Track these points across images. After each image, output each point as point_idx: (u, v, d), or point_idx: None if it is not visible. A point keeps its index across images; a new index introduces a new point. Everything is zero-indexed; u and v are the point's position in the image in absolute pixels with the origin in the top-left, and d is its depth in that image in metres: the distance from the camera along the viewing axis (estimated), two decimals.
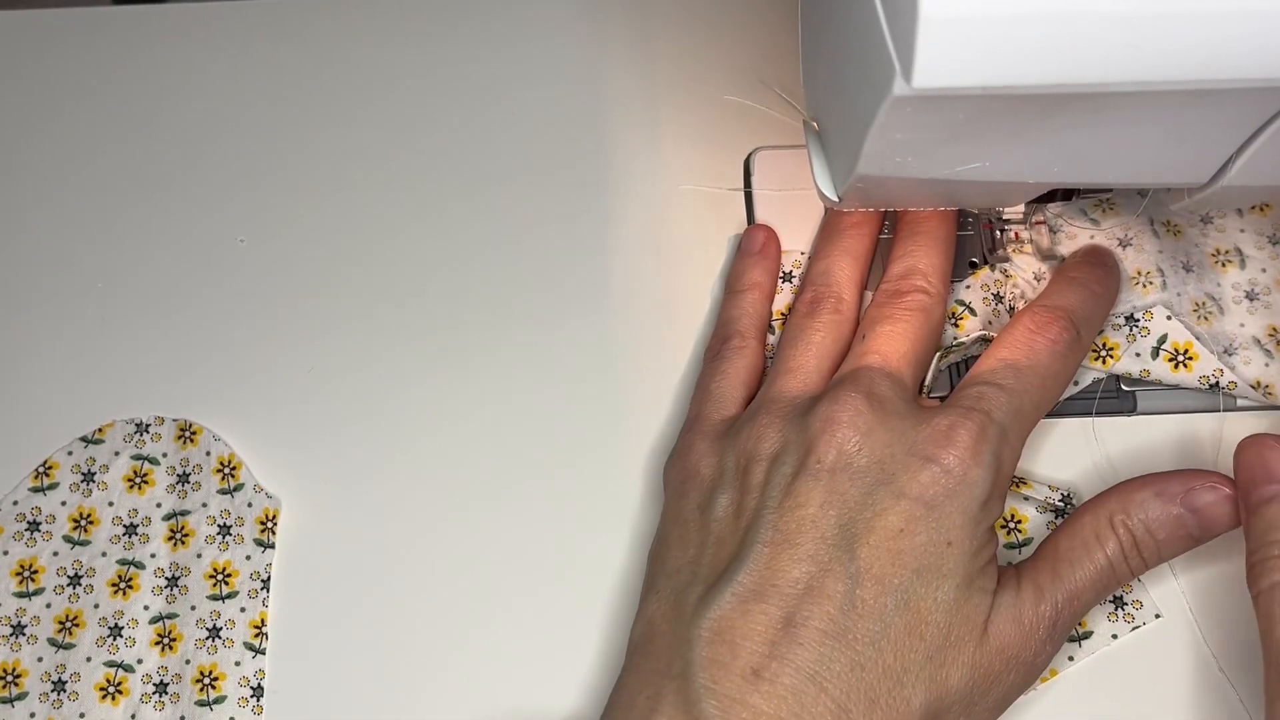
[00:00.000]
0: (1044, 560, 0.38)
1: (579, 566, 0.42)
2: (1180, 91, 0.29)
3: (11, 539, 0.43)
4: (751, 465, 0.38)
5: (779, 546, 0.36)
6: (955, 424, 0.37)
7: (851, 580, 0.36)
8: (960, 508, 0.37)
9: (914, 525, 0.36)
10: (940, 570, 0.36)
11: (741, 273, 0.45)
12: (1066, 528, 0.39)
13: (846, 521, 0.36)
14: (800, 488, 0.37)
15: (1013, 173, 0.35)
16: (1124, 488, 0.39)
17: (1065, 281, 0.42)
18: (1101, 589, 0.38)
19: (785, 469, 0.38)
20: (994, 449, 0.37)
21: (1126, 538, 0.38)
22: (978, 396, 0.38)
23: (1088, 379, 0.43)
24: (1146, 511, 0.38)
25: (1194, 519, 0.38)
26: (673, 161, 0.48)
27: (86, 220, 0.47)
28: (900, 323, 0.40)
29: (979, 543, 0.37)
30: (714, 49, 0.50)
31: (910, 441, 0.37)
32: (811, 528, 0.36)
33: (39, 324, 0.46)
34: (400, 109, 0.49)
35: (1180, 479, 0.38)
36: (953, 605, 0.36)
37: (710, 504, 0.39)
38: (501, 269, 0.47)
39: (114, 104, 0.49)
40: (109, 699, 0.41)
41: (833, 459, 0.37)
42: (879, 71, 0.30)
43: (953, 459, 0.37)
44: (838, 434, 0.37)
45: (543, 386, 0.45)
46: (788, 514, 0.37)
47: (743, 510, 0.38)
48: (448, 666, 0.41)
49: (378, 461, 0.44)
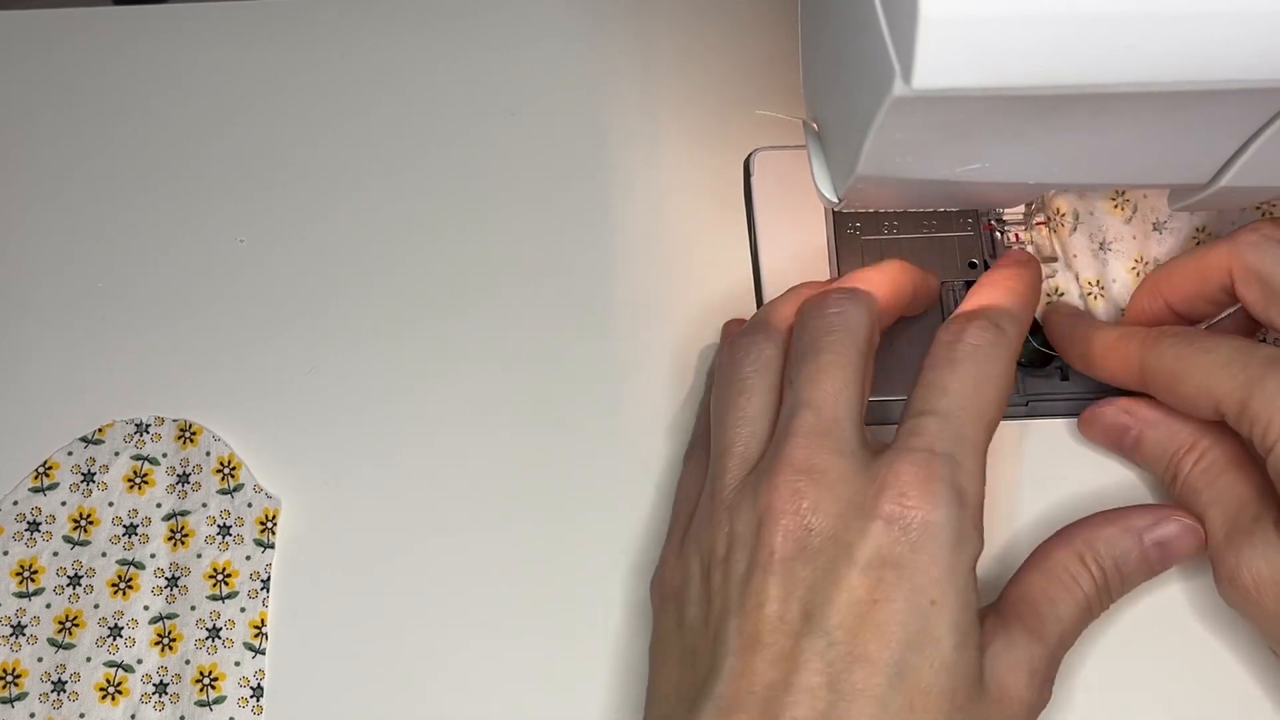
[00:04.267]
0: (1022, 602, 0.37)
1: (580, 566, 0.42)
2: (1180, 92, 0.29)
3: (11, 539, 0.43)
4: (711, 569, 0.36)
5: (749, 651, 0.34)
6: (898, 470, 0.34)
7: (832, 669, 0.33)
8: (931, 558, 0.34)
9: (887, 591, 0.33)
10: (930, 634, 0.33)
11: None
12: (1036, 566, 0.38)
13: (812, 607, 0.34)
14: (756, 584, 0.34)
15: (1013, 173, 0.35)
16: (1090, 524, 0.39)
17: (977, 288, 0.40)
18: (1082, 625, 0.38)
19: (739, 567, 0.35)
20: (948, 482, 0.34)
21: (1099, 574, 0.38)
22: (911, 432, 0.36)
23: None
24: (1115, 548, 0.38)
25: (1158, 552, 0.39)
26: (673, 161, 0.48)
27: (87, 220, 0.47)
28: (825, 353, 0.37)
29: (964, 591, 0.34)
30: (714, 49, 0.50)
31: (858, 503, 0.34)
32: (779, 623, 0.34)
33: (39, 324, 0.46)
34: (400, 109, 0.49)
35: (1144, 514, 0.39)
36: (953, 667, 0.34)
37: (683, 618, 0.37)
38: (502, 269, 0.47)
39: (114, 104, 0.49)
40: (109, 699, 0.41)
41: (783, 547, 0.34)
42: (879, 72, 0.30)
43: (906, 509, 0.34)
44: (780, 521, 0.35)
45: (543, 386, 0.45)
46: (750, 614, 0.34)
47: (710, 618, 0.36)
48: (447, 666, 0.41)
49: (378, 462, 0.44)
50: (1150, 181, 0.37)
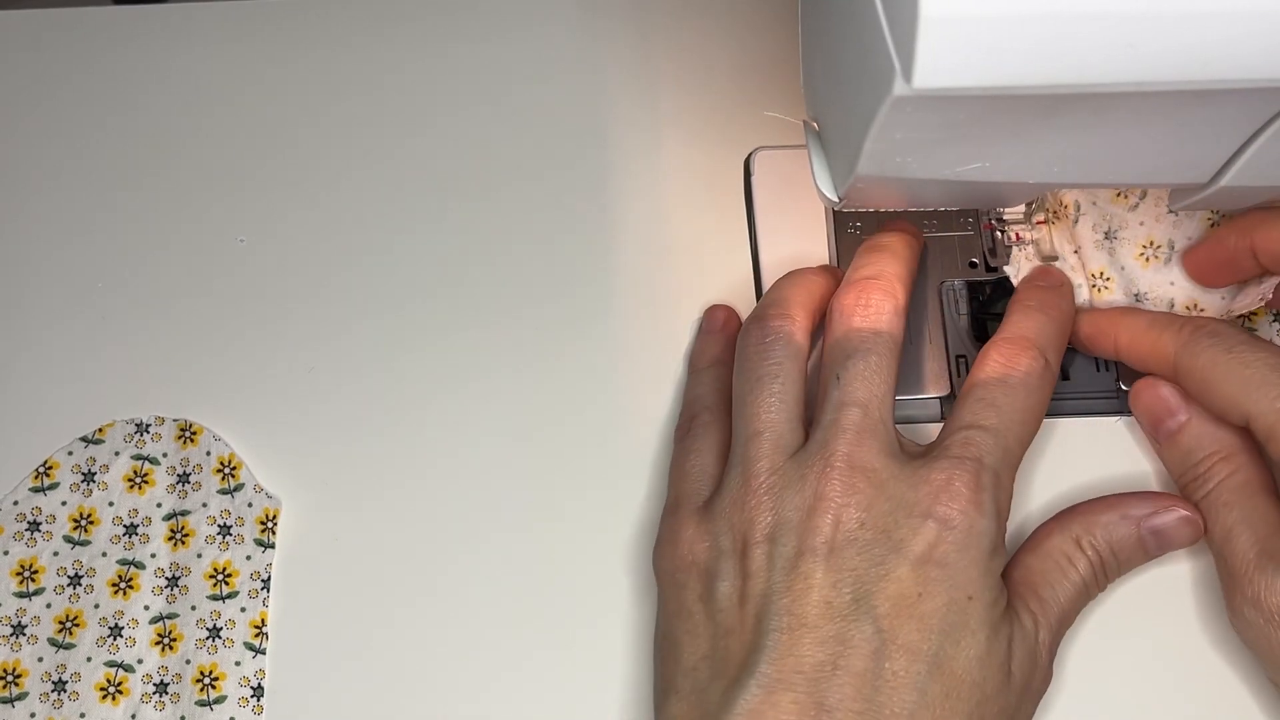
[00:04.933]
0: (1022, 585, 0.38)
1: (581, 565, 0.42)
2: (1180, 91, 0.29)
3: (12, 539, 0.43)
4: (749, 548, 0.37)
5: (797, 631, 0.35)
6: (951, 476, 0.37)
7: (877, 655, 0.35)
8: (973, 560, 0.36)
9: (932, 587, 0.36)
10: (967, 626, 0.36)
11: (703, 350, 0.44)
12: (1033, 550, 0.39)
13: (861, 595, 0.35)
14: (806, 568, 0.36)
15: (1013, 173, 0.35)
16: (1088, 509, 0.40)
17: (1022, 310, 0.41)
18: (1079, 607, 0.39)
19: (786, 550, 0.36)
20: (992, 494, 0.37)
21: (1095, 558, 0.39)
22: (965, 442, 0.38)
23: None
24: (1111, 533, 0.39)
25: (1154, 540, 0.40)
26: (673, 161, 0.48)
27: (87, 220, 0.47)
28: (872, 355, 0.39)
29: (996, 589, 0.37)
30: (714, 48, 0.50)
31: (910, 502, 0.37)
32: (826, 608, 0.35)
33: (39, 324, 0.46)
34: (400, 109, 0.49)
35: (1143, 501, 0.40)
36: (985, 658, 0.36)
37: (711, 593, 0.37)
38: (501, 269, 0.47)
39: (114, 104, 0.49)
40: (109, 699, 0.41)
41: (834, 535, 0.36)
42: (879, 71, 0.30)
43: (956, 513, 0.36)
44: (832, 511, 0.36)
45: (542, 385, 0.45)
46: (799, 596, 0.36)
47: (748, 596, 0.36)
48: (447, 666, 0.41)
49: (378, 461, 0.44)
50: (1150, 181, 0.37)
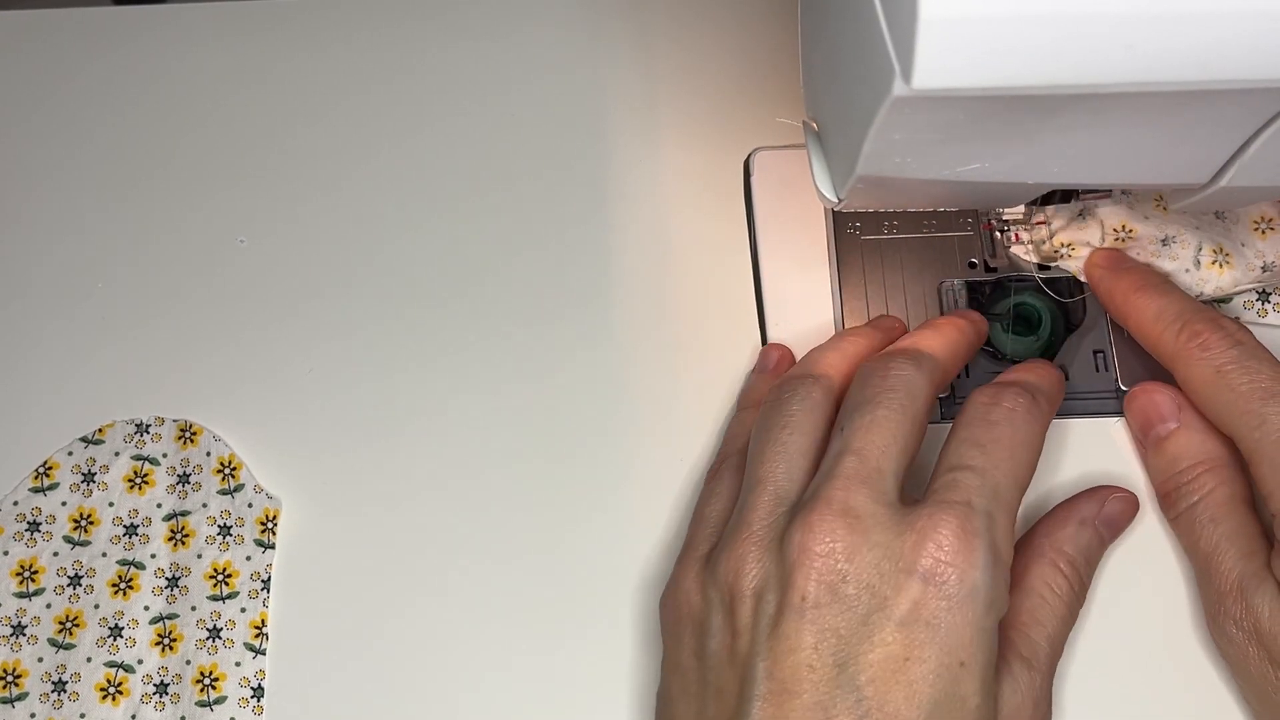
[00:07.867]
0: (1011, 631, 0.37)
1: (581, 565, 0.42)
2: (1180, 92, 0.29)
3: (12, 539, 0.43)
4: (736, 602, 0.35)
5: (779, 698, 0.33)
6: (936, 522, 0.34)
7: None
8: (966, 621, 0.34)
9: (920, 650, 0.33)
10: (958, 695, 0.34)
11: (750, 389, 0.43)
12: (1015, 588, 0.38)
13: (844, 659, 0.33)
14: (787, 628, 0.34)
15: (1013, 173, 0.35)
16: (1045, 530, 0.40)
17: (1008, 371, 0.41)
18: (1068, 632, 0.39)
19: (768, 607, 0.35)
20: (985, 539, 0.34)
21: (1072, 574, 0.39)
22: (950, 485, 0.36)
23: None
24: (1078, 544, 0.40)
25: (1108, 530, 0.41)
26: (673, 161, 0.48)
27: (87, 220, 0.47)
28: (881, 407, 0.37)
29: (989, 650, 0.34)
30: (713, 49, 0.50)
31: (897, 554, 0.34)
32: (808, 672, 0.33)
33: (39, 324, 0.46)
34: (400, 109, 0.49)
35: (1087, 501, 0.41)
36: None
37: (704, 649, 0.36)
38: (501, 269, 0.47)
39: (114, 104, 0.49)
40: (109, 699, 0.41)
41: (816, 592, 0.34)
42: (879, 72, 0.30)
43: (945, 566, 0.34)
44: (815, 564, 0.34)
45: (542, 386, 0.45)
46: (780, 659, 0.34)
47: (735, 654, 0.35)
48: (447, 667, 0.41)
49: (378, 461, 0.44)
50: (1150, 181, 0.37)
